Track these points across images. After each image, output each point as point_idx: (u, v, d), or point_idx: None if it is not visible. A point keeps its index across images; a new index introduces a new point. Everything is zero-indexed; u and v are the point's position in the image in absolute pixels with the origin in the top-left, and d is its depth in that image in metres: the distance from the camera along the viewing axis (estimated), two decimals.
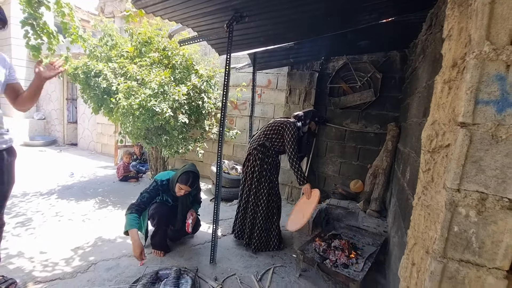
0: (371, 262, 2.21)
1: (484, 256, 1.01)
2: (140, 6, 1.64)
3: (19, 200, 3.52)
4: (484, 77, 0.96)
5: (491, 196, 0.98)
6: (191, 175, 2.31)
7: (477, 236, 1.01)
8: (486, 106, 0.97)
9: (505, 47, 0.93)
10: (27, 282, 1.98)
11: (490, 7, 0.94)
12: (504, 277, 0.98)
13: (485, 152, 0.97)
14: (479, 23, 0.96)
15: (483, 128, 0.97)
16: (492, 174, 0.97)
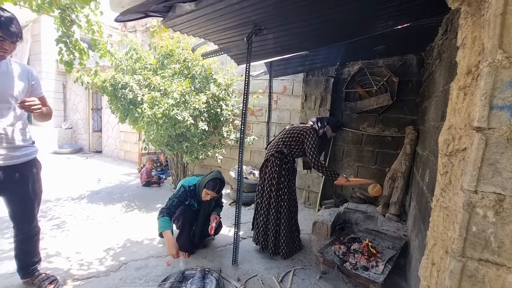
0: (391, 265, 2.22)
1: (504, 255, 1.04)
2: (169, 25, 1.80)
3: (53, 205, 3.79)
4: (498, 84, 1.01)
5: (508, 197, 1.02)
6: (219, 182, 2.47)
7: (495, 235, 1.05)
8: (500, 111, 1.02)
9: None
10: (66, 280, 2.16)
11: (501, 17, 0.99)
12: None
13: (501, 155, 1.02)
14: (492, 32, 1.01)
15: (498, 132, 1.02)
16: (508, 176, 1.01)
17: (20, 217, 1.87)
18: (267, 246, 2.69)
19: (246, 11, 1.73)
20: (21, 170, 1.75)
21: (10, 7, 2.86)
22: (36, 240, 2.02)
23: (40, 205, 3.71)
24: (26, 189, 1.81)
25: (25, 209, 1.87)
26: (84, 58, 3.48)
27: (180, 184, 2.67)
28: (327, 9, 1.79)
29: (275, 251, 2.65)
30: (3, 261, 2.37)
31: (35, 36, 8.28)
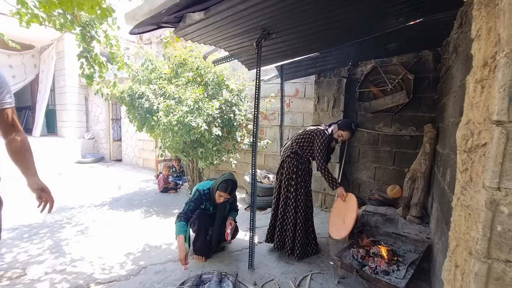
0: (413, 269, 2.13)
1: None
2: (180, 35, 1.87)
3: (77, 212, 3.96)
4: None
5: None
6: (230, 183, 2.49)
7: None
8: None
9: None
10: (89, 283, 2.24)
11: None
12: None
13: None
14: (507, 22, 0.97)
15: None
16: None
17: None
18: (284, 246, 2.70)
19: (254, 16, 1.77)
20: None
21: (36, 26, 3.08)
22: None
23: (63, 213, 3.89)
24: None
25: None
26: (104, 71, 3.66)
27: (195, 189, 2.71)
28: (334, 10, 1.79)
29: (291, 251, 2.66)
30: (32, 265, 2.49)
31: (59, 53, 8.79)
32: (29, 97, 10.44)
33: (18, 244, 2.94)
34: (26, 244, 2.94)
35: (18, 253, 2.74)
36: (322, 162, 2.56)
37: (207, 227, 2.59)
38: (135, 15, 1.51)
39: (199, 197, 2.62)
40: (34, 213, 3.87)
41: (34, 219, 3.63)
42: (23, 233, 3.21)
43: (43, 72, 9.25)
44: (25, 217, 3.68)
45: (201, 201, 2.63)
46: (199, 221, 2.57)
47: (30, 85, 9.87)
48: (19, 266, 2.50)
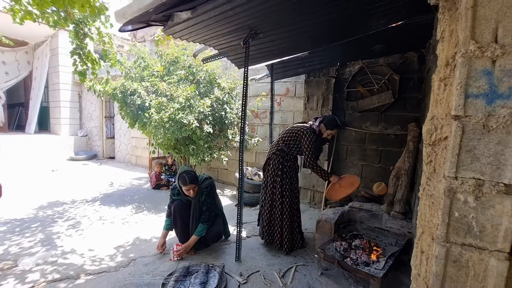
0: (392, 261, 2.23)
1: (485, 239, 1.07)
2: (169, 33, 1.93)
3: (69, 207, 3.99)
4: (472, 73, 1.06)
5: (487, 182, 1.05)
6: (185, 175, 2.48)
7: (477, 220, 1.08)
8: (476, 99, 1.06)
9: (490, 44, 1.03)
10: (80, 274, 2.29)
11: (472, 10, 1.05)
12: (505, 259, 1.04)
13: (478, 141, 1.06)
14: (464, 25, 1.07)
15: (474, 119, 1.06)
16: (486, 161, 1.05)
17: None
18: (273, 241, 2.78)
19: (240, 16, 1.84)
20: None
21: (30, 23, 3.10)
22: None
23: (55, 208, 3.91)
24: None
25: None
26: (96, 68, 3.69)
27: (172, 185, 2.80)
28: (317, 10, 1.87)
29: (280, 246, 2.74)
30: (24, 257, 2.53)
31: (53, 50, 8.75)
32: (23, 94, 10.35)
33: (9, 237, 2.98)
34: (18, 238, 2.97)
35: (9, 246, 2.78)
36: (311, 158, 2.62)
37: (182, 216, 2.63)
38: (125, 13, 1.57)
39: (171, 193, 2.73)
40: (26, 208, 3.89)
41: (26, 214, 3.66)
42: (15, 227, 3.24)
43: (36, 69, 9.19)
44: (17, 212, 3.70)
45: (173, 197, 2.72)
46: (174, 211, 2.65)
47: (23, 82, 9.80)
48: (10, 258, 2.54)
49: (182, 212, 2.62)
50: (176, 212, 2.62)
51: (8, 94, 9.19)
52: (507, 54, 0.99)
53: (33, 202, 4.16)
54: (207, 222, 2.63)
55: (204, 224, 2.61)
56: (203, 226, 2.60)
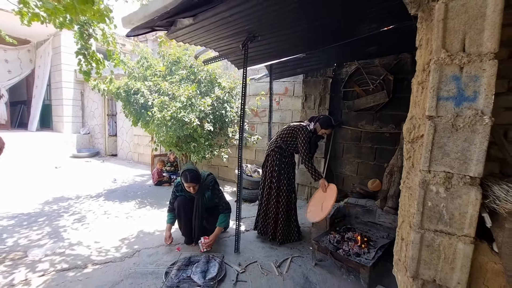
0: (382, 252, 2.37)
1: (454, 226, 1.21)
2: (172, 37, 2.06)
3: (74, 202, 4.14)
4: (443, 78, 1.20)
5: (455, 174, 1.19)
6: (187, 173, 2.61)
7: (447, 209, 1.22)
8: (446, 101, 1.20)
9: (458, 53, 1.16)
10: (87, 264, 2.43)
11: (443, 22, 1.18)
12: (471, 243, 1.18)
13: (448, 139, 1.20)
14: (436, 35, 1.20)
15: (444, 119, 1.20)
16: (455, 156, 1.19)
17: None
18: (267, 232, 2.94)
19: (239, 21, 1.96)
20: None
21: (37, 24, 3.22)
22: None
23: (60, 203, 4.04)
24: None
25: None
26: (100, 67, 3.81)
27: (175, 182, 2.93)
28: (311, 16, 1.99)
29: (273, 237, 2.89)
30: (33, 248, 2.67)
31: (55, 49, 8.87)
32: (25, 92, 10.48)
33: (18, 230, 3.11)
34: (26, 231, 3.11)
35: (18, 238, 2.92)
36: (306, 156, 2.77)
37: (186, 211, 2.76)
38: (131, 19, 1.70)
39: (175, 190, 2.85)
40: (32, 203, 4.03)
41: (32, 209, 3.80)
42: (23, 220, 3.38)
43: (39, 67, 9.31)
44: (24, 207, 3.84)
45: (175, 193, 2.84)
46: (178, 206, 2.78)
47: (25, 80, 9.93)
48: (20, 249, 2.67)
49: (186, 207, 2.75)
50: (180, 207, 2.75)
51: (10, 92, 9.32)
52: (472, 61, 1.12)
53: (38, 197, 4.30)
54: (227, 210, 2.83)
55: (225, 213, 2.80)
56: (225, 215, 2.78)
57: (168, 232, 2.80)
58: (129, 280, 2.18)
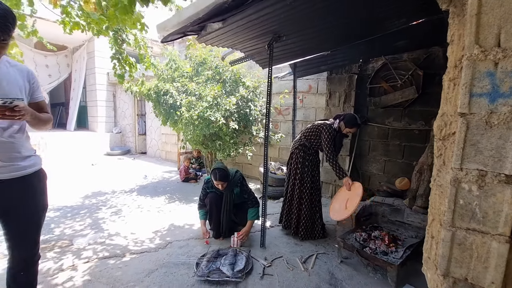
0: (410, 251, 2.32)
1: (488, 224, 1.19)
2: (202, 41, 2.17)
3: (110, 196, 4.46)
4: (476, 74, 1.18)
5: (489, 172, 1.17)
6: (217, 171, 2.75)
7: (480, 207, 1.20)
8: (479, 98, 1.18)
9: (493, 48, 1.14)
10: (125, 253, 2.64)
11: (476, 17, 1.16)
12: (506, 242, 1.15)
13: (481, 136, 1.18)
14: (469, 31, 1.18)
15: (478, 116, 1.18)
16: (489, 154, 1.17)
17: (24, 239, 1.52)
18: (290, 226, 3.02)
19: (265, 23, 2.02)
20: (30, 182, 1.48)
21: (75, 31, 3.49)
22: (36, 270, 1.63)
23: (98, 197, 4.37)
24: (34, 203, 1.51)
25: (32, 229, 1.53)
26: (133, 70, 4.06)
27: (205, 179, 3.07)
28: (338, 14, 2.00)
29: (295, 231, 2.96)
30: (77, 238, 2.94)
31: (89, 53, 9.49)
32: (63, 94, 11.34)
33: (63, 221, 3.43)
34: (70, 222, 3.42)
35: (64, 228, 3.22)
36: (330, 154, 2.77)
37: (217, 206, 2.89)
38: (165, 26, 1.82)
39: (203, 186, 2.99)
40: (74, 197, 4.41)
41: (74, 202, 4.16)
42: (67, 213, 3.72)
43: (75, 71, 10.02)
44: (67, 200, 4.21)
45: (205, 190, 2.97)
46: (210, 202, 2.91)
47: (63, 83, 10.73)
48: (66, 238, 2.95)
49: (217, 203, 2.89)
50: (212, 203, 2.89)
51: (50, 94, 10.13)
52: (508, 57, 1.09)
53: (79, 191, 4.68)
54: (257, 204, 2.93)
55: (255, 207, 2.91)
56: (255, 209, 2.90)
57: (204, 227, 2.93)
58: (163, 269, 2.35)
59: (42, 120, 1.48)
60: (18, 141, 1.41)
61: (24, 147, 1.46)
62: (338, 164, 2.76)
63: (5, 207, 1.41)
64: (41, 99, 1.56)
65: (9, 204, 1.41)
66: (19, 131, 1.43)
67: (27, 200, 1.48)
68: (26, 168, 1.45)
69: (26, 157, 1.46)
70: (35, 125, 1.46)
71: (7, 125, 1.34)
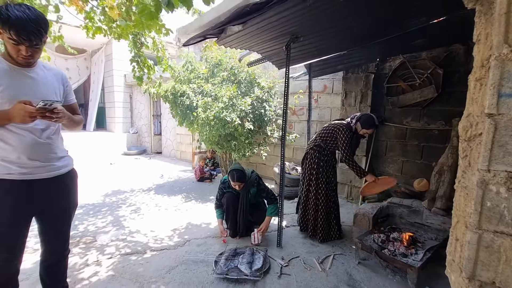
0: (431, 253, 2.28)
1: None
2: (221, 43, 2.22)
3: (129, 195, 4.60)
4: (505, 74, 1.16)
5: None
6: (235, 173, 2.80)
7: (508, 210, 1.18)
8: (508, 98, 1.16)
9: None
10: (146, 250, 2.73)
11: (505, 16, 1.14)
12: None
13: (510, 137, 1.16)
14: (497, 30, 1.17)
15: (506, 117, 1.16)
16: None
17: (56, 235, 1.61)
18: (307, 229, 3.01)
19: (284, 25, 2.04)
20: (64, 181, 1.56)
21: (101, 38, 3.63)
22: (66, 263, 1.74)
23: (118, 196, 4.50)
24: (67, 201, 1.60)
25: (64, 225, 1.63)
26: (151, 73, 4.17)
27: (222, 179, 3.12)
28: (358, 14, 2.00)
29: (313, 234, 2.95)
30: (100, 234, 3.06)
31: (107, 56, 9.80)
32: (82, 96, 11.75)
33: (86, 218, 3.58)
34: (93, 219, 3.56)
35: (87, 225, 3.35)
36: (347, 154, 2.75)
37: (234, 206, 2.94)
38: (187, 30, 1.88)
39: (220, 186, 3.04)
40: (95, 195, 4.58)
41: (95, 200, 4.32)
42: (89, 210, 3.87)
43: (94, 73, 10.37)
44: (89, 198, 4.38)
45: (222, 190, 3.02)
46: (227, 202, 2.96)
47: (83, 85, 11.12)
48: (90, 235, 3.08)
49: (233, 203, 2.94)
50: (229, 203, 2.94)
51: None
52: None
53: (100, 190, 4.86)
54: (276, 201, 2.97)
55: (274, 204, 2.96)
56: (274, 205, 2.95)
57: (221, 226, 2.98)
58: (183, 266, 2.41)
59: (75, 122, 1.57)
60: (54, 142, 1.49)
61: (59, 148, 1.54)
62: (356, 164, 2.73)
63: (41, 206, 1.48)
64: (74, 101, 1.65)
65: (45, 203, 1.48)
66: (55, 132, 1.50)
67: (61, 199, 1.56)
68: (61, 168, 1.53)
69: (60, 157, 1.54)
70: (69, 127, 1.55)
71: (45, 126, 1.43)
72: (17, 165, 1.33)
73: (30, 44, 1.25)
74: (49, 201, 1.50)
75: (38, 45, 1.31)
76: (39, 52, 1.36)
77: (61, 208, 1.58)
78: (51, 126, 1.46)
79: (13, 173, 1.33)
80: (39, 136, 1.39)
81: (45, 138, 1.43)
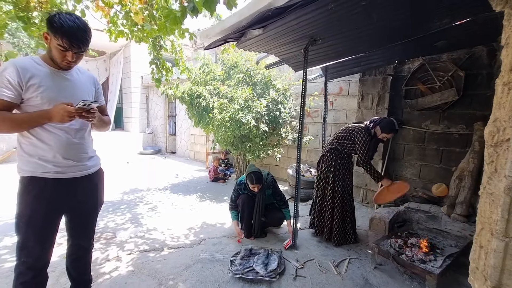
0: (450, 261, 2.23)
1: None
2: (241, 47, 2.26)
3: (146, 193, 4.73)
4: None
5: None
6: (253, 175, 2.83)
7: None
8: None
9: None
10: (163, 247, 2.80)
11: None
12: None
13: None
14: None
15: None
16: None
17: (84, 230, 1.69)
18: (323, 232, 3.00)
19: (303, 28, 2.06)
20: (93, 180, 1.63)
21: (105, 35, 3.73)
22: (90, 257, 1.83)
23: (135, 194, 4.61)
24: (95, 199, 1.67)
25: (91, 221, 1.71)
26: (169, 75, 4.27)
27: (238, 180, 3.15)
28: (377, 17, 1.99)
29: (328, 237, 2.94)
30: (119, 231, 3.17)
31: (126, 58, 10.09)
32: None
33: (106, 215, 3.70)
34: (112, 216, 3.68)
35: (107, 222, 3.47)
36: (365, 158, 2.70)
37: (249, 208, 2.97)
38: (208, 34, 1.93)
39: (236, 188, 3.07)
40: (114, 192, 4.73)
41: (114, 198, 4.46)
42: (108, 207, 4.00)
43: (113, 75, 10.71)
44: (108, 195, 4.52)
45: (238, 191, 3.06)
46: (242, 203, 2.99)
47: (102, 86, 11.51)
48: (110, 231, 3.19)
49: (249, 204, 2.98)
50: (245, 204, 2.98)
51: None
52: None
53: (118, 188, 5.01)
54: (286, 205, 3.07)
55: (288, 208, 3.05)
56: (288, 210, 3.04)
57: (237, 227, 3.03)
58: (199, 265, 2.46)
59: (105, 122, 1.66)
60: (86, 142, 1.56)
61: (90, 148, 1.62)
62: (374, 168, 2.70)
63: (72, 203, 1.55)
64: (103, 103, 1.72)
65: (75, 200, 1.56)
66: (87, 133, 1.58)
67: (90, 197, 1.63)
68: (91, 167, 1.60)
69: (90, 157, 1.61)
70: (98, 127, 1.63)
71: (80, 127, 1.51)
72: (53, 163, 1.42)
73: (78, 51, 1.35)
74: (80, 198, 1.57)
75: (83, 51, 1.41)
76: (81, 58, 1.46)
77: (90, 205, 1.66)
78: (84, 127, 1.54)
79: (49, 171, 1.41)
80: (73, 136, 1.47)
81: (78, 138, 1.51)
